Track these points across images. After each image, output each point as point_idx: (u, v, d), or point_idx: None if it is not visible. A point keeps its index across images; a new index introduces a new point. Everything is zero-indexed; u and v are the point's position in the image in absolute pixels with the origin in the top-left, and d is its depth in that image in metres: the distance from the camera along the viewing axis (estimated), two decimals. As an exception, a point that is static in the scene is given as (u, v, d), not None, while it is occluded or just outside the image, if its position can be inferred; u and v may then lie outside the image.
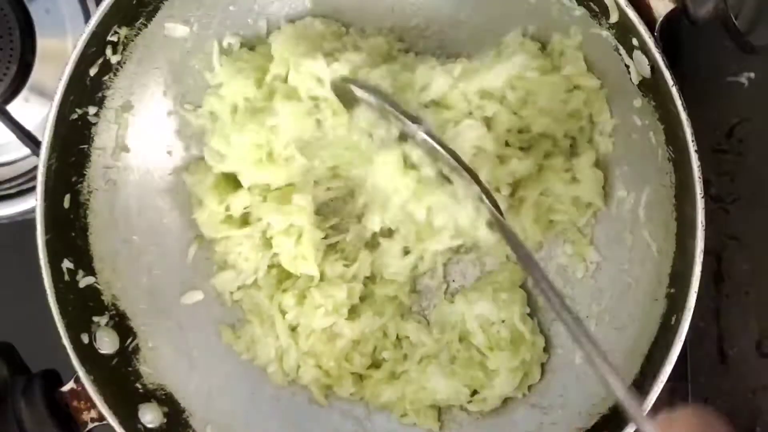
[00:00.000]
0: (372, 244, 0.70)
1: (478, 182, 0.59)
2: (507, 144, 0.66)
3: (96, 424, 0.63)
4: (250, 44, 0.70)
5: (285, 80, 0.66)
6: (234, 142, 0.66)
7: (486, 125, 0.65)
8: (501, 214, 0.58)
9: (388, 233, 0.69)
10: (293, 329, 0.70)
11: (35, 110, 0.80)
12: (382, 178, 0.62)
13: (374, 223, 0.67)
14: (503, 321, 0.69)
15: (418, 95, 0.64)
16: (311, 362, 0.70)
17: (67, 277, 0.65)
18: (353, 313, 0.70)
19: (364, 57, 0.65)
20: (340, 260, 0.70)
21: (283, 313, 0.70)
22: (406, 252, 0.69)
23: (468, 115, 0.64)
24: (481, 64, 0.65)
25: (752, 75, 0.69)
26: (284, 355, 0.70)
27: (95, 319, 0.66)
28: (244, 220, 0.70)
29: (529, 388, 0.69)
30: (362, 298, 0.70)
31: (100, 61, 0.65)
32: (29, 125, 0.78)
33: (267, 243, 0.70)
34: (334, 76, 0.64)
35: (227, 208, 0.69)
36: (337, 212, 0.71)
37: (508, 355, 0.68)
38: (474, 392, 0.69)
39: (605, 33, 0.62)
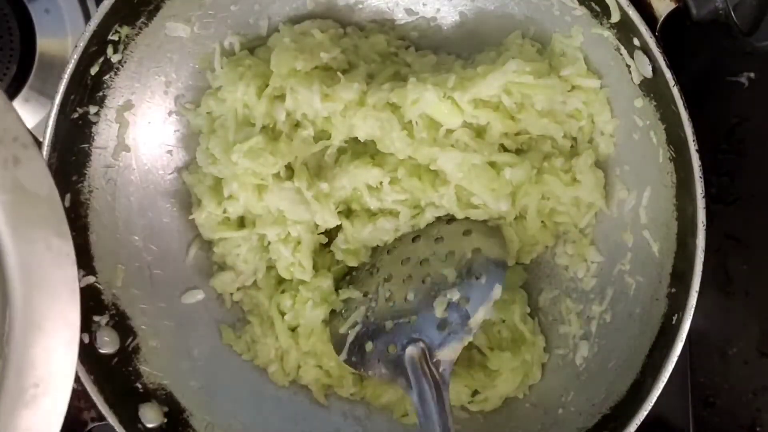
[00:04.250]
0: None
1: None
2: (504, 148, 0.66)
3: (96, 423, 0.63)
4: (251, 44, 0.70)
5: (283, 98, 0.66)
6: (235, 159, 0.66)
7: (479, 134, 0.65)
8: None
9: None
10: (293, 329, 0.70)
11: (35, 110, 0.80)
12: None
13: None
14: (504, 321, 0.69)
15: (410, 109, 0.65)
16: (312, 362, 0.70)
17: (67, 277, 0.64)
18: None
19: (357, 84, 0.65)
20: (329, 253, 0.70)
21: (282, 314, 0.70)
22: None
23: (461, 125, 0.65)
24: (474, 72, 0.65)
25: (752, 75, 0.69)
26: (285, 356, 0.70)
27: (95, 318, 0.65)
28: (242, 222, 0.70)
29: (530, 388, 0.69)
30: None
31: (101, 60, 0.64)
32: (29, 125, 0.78)
33: (265, 245, 0.70)
34: None
35: (225, 210, 0.69)
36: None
37: (508, 355, 0.68)
38: (475, 392, 0.69)
39: (606, 33, 0.62)
